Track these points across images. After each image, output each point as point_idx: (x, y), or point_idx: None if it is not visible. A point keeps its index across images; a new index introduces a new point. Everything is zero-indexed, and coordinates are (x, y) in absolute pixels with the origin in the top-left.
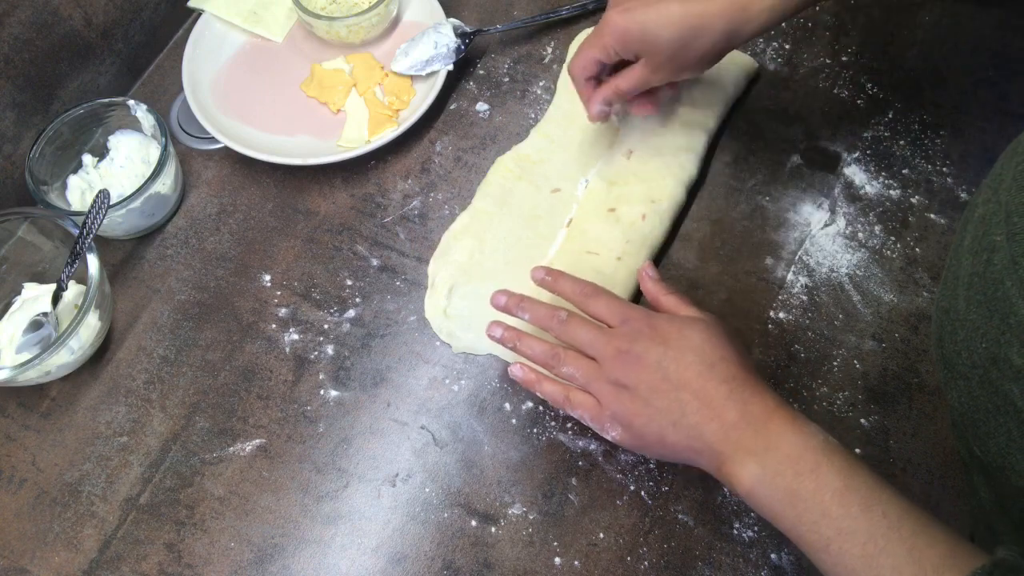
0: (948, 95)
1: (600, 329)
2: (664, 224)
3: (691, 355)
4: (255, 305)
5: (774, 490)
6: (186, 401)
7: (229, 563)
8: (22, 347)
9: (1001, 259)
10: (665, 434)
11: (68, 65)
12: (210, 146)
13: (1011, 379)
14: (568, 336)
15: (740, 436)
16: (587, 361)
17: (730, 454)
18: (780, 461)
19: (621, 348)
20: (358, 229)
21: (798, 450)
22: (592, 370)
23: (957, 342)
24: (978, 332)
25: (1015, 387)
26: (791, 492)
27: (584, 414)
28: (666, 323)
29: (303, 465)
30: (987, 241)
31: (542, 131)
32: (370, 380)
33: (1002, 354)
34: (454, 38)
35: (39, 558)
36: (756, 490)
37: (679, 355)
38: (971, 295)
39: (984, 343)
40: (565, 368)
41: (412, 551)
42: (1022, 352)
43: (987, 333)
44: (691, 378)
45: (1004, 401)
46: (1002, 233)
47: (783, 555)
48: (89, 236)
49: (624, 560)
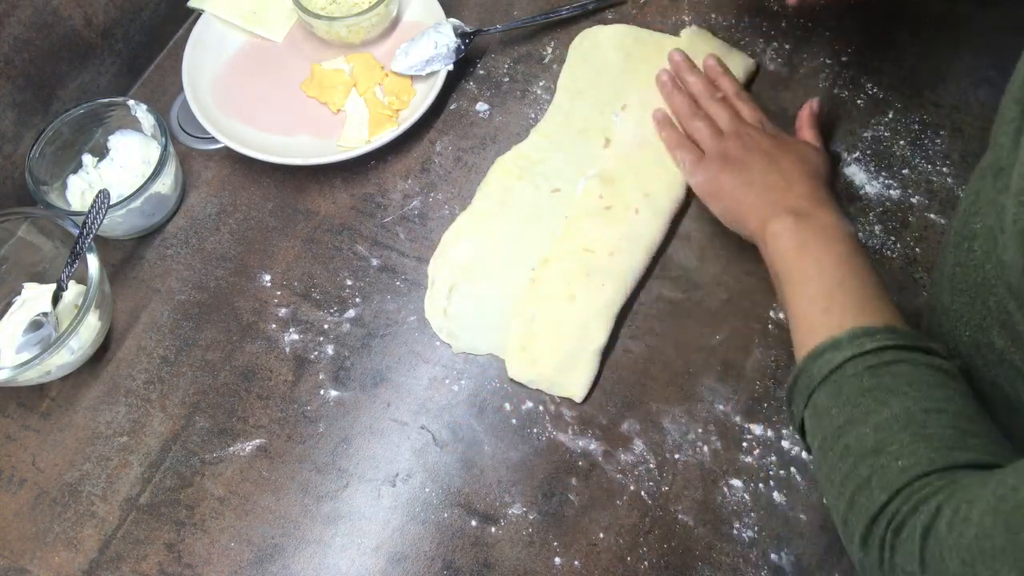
0: (948, 95)
1: (734, 117)
2: (659, 219)
3: (795, 157)
4: (255, 305)
5: (792, 240)
6: (186, 401)
7: (229, 563)
8: (22, 347)
9: (980, 245)
10: (739, 192)
11: (68, 65)
12: (210, 146)
13: (995, 363)
14: (713, 109)
15: (796, 204)
16: (716, 128)
17: (780, 212)
18: (810, 225)
19: (747, 133)
20: (358, 229)
21: (829, 227)
22: (716, 133)
23: (943, 335)
24: (961, 321)
25: (999, 371)
26: (803, 244)
27: (686, 157)
28: (792, 138)
29: (303, 465)
30: (968, 230)
31: (542, 131)
32: (370, 380)
33: (984, 339)
34: (454, 38)
35: (39, 558)
36: (780, 235)
37: (788, 154)
38: (954, 285)
39: (967, 331)
40: (696, 122)
41: (412, 551)
42: (1002, 334)
43: (970, 320)
44: (789, 168)
45: (991, 388)
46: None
47: (783, 555)
48: (89, 236)
49: (624, 560)
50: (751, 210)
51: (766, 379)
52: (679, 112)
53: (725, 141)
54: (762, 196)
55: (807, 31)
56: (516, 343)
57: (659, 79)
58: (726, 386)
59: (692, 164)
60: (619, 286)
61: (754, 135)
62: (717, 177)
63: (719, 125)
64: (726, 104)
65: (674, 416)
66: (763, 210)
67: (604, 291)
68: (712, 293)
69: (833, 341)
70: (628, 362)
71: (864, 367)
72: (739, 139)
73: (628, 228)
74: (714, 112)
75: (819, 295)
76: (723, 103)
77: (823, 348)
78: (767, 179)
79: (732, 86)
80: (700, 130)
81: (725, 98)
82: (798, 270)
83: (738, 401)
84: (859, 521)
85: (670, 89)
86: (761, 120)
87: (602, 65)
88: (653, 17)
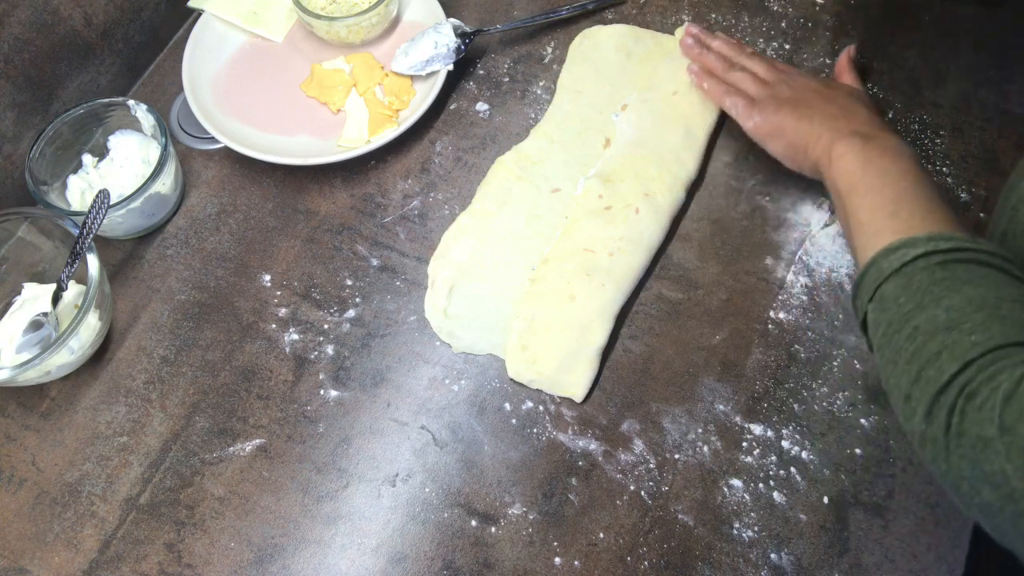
0: (948, 95)
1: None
2: (659, 219)
3: (847, 91)
4: (255, 305)
5: (858, 157)
6: (186, 401)
7: (229, 563)
8: (22, 347)
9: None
10: (802, 124)
11: (68, 65)
12: (210, 146)
13: None
14: (747, 63)
15: (859, 128)
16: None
17: (845, 136)
18: (876, 144)
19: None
20: (358, 229)
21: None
22: (760, 81)
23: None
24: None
25: None
26: (869, 160)
27: (738, 101)
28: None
29: (303, 465)
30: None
31: (542, 131)
32: (370, 380)
33: None
34: (454, 38)
35: (39, 558)
36: (846, 154)
37: (839, 89)
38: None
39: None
40: (736, 73)
41: (412, 551)
42: None
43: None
44: (844, 101)
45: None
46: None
47: (783, 555)
48: (89, 236)
49: (624, 560)
50: (815, 138)
51: (766, 379)
52: (714, 68)
53: (773, 87)
54: (825, 124)
55: (807, 31)
56: (516, 343)
57: (683, 43)
58: (726, 386)
59: (746, 107)
60: (619, 286)
61: (799, 78)
62: (775, 116)
63: (760, 75)
64: (759, 57)
65: (674, 416)
66: (827, 135)
67: (604, 291)
68: (712, 293)
69: (909, 239)
70: (628, 362)
71: (936, 262)
72: (786, 83)
73: (628, 228)
74: (749, 65)
75: (886, 202)
76: (755, 57)
77: (898, 244)
78: (827, 110)
79: (753, 50)
80: (743, 80)
81: (755, 53)
82: (864, 183)
83: (738, 401)
84: (925, 393)
85: (699, 50)
86: (795, 70)
87: (602, 65)
88: (653, 17)
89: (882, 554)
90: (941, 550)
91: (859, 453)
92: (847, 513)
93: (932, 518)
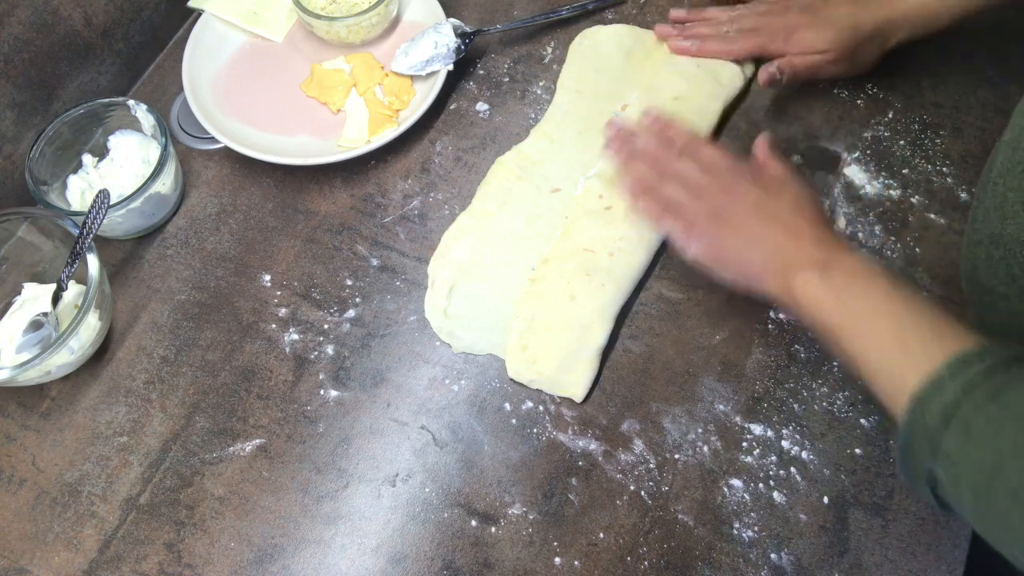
0: (948, 95)
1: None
2: None
3: (789, 199)
4: (255, 305)
5: (827, 294)
6: (186, 401)
7: (229, 563)
8: (22, 347)
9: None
10: (745, 254)
11: (68, 65)
12: (210, 146)
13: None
14: (676, 168)
15: (812, 254)
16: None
17: (800, 266)
18: (839, 273)
19: (728, 183)
20: (358, 229)
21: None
22: (693, 192)
23: (994, 264)
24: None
25: None
26: (841, 295)
27: (675, 225)
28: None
29: (303, 465)
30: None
31: (542, 131)
32: (370, 380)
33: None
34: (454, 38)
35: (39, 558)
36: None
37: (780, 198)
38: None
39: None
40: (667, 186)
41: (412, 551)
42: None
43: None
44: (788, 216)
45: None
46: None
47: (783, 555)
48: (89, 236)
49: (624, 560)
50: (765, 271)
51: (766, 379)
52: (645, 182)
53: (708, 198)
54: (771, 254)
55: None
56: (516, 343)
57: (608, 151)
58: (726, 386)
59: (683, 232)
60: (619, 286)
61: (736, 183)
62: (715, 245)
63: (692, 183)
64: (687, 157)
65: (674, 416)
66: (779, 268)
67: (604, 291)
68: (712, 293)
69: (932, 382)
70: (628, 362)
71: (983, 398)
72: (722, 192)
73: (628, 228)
74: (680, 170)
75: (889, 340)
76: (684, 157)
77: (926, 393)
78: (769, 233)
79: (682, 134)
80: (676, 193)
81: (684, 149)
82: (849, 324)
83: (738, 401)
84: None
85: (624, 159)
86: (727, 159)
87: (602, 65)
88: (653, 17)
89: (882, 554)
90: (941, 550)
91: (859, 453)
92: (847, 513)
93: (932, 518)
